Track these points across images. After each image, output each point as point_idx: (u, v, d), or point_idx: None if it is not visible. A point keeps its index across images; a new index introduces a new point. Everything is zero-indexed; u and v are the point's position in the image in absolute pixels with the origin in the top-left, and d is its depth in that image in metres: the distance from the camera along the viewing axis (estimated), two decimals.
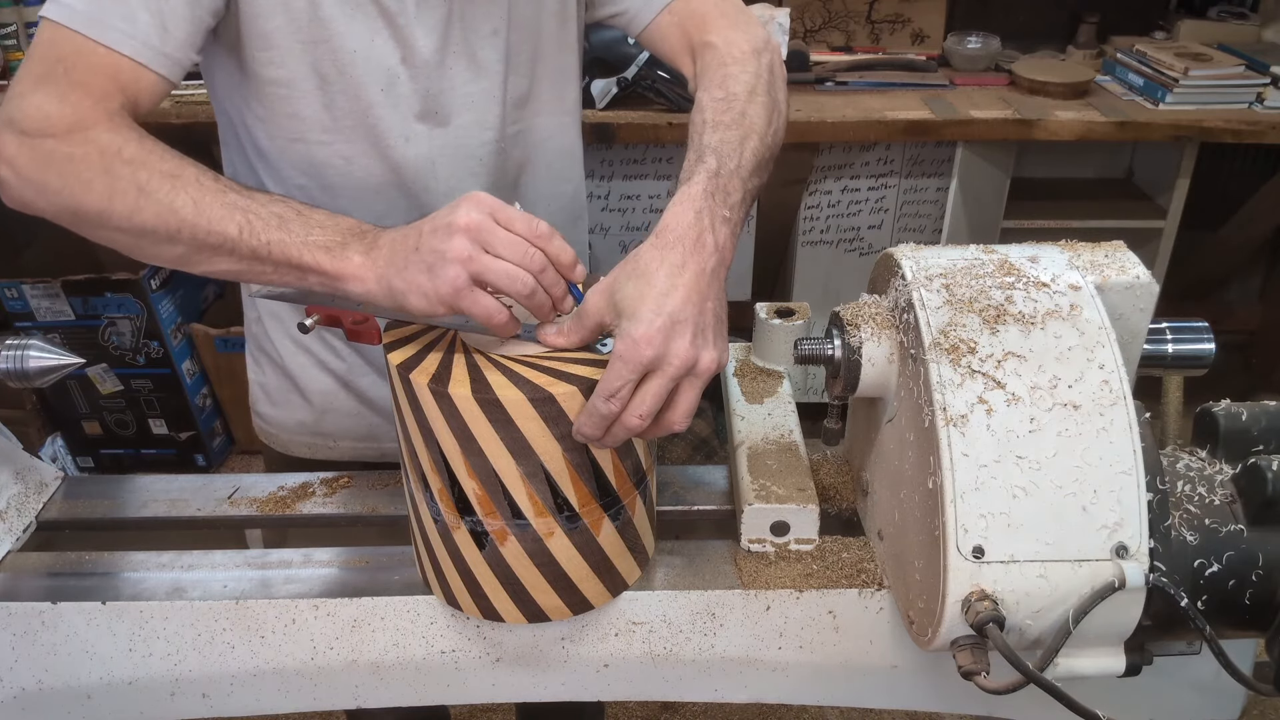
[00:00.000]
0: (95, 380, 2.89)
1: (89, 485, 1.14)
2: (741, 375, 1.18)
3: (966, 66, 2.87)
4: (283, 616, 0.96)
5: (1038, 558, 0.77)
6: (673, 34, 1.14)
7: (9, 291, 2.73)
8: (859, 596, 0.95)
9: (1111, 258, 0.92)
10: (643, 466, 0.91)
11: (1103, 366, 0.79)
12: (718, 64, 1.07)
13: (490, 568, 0.88)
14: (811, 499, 0.96)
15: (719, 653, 0.97)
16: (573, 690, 1.00)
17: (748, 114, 1.00)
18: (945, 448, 0.77)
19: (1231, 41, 2.85)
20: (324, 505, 1.09)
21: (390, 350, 0.86)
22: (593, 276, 0.97)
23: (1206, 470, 0.85)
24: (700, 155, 0.93)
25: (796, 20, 3.01)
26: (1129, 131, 2.58)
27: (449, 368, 0.83)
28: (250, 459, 3.15)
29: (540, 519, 0.85)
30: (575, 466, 0.84)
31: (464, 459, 0.83)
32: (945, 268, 0.87)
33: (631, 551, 0.93)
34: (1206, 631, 0.78)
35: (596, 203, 2.77)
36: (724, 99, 1.01)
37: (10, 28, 2.73)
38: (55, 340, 1.04)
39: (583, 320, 0.84)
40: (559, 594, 0.90)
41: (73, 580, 0.99)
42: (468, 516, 0.86)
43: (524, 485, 0.84)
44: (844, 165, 2.74)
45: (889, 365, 0.89)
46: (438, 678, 0.99)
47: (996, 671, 0.78)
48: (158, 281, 2.78)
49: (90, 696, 0.99)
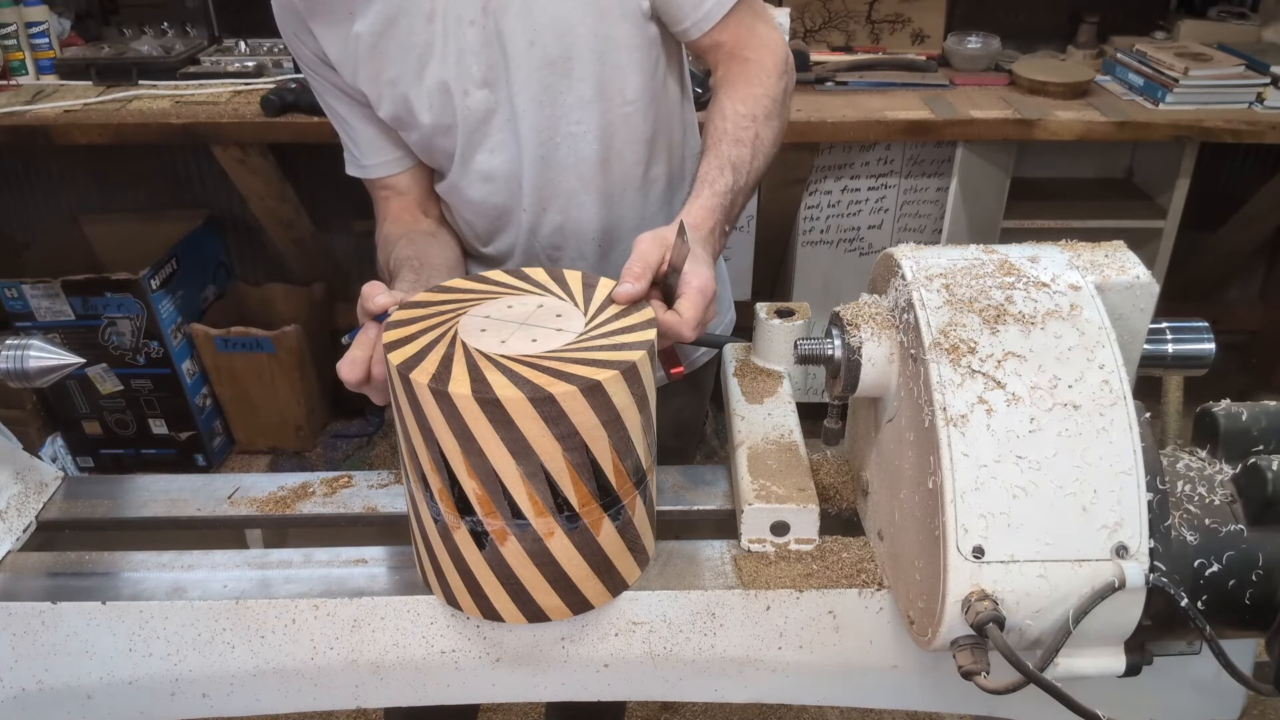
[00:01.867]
0: (95, 380, 2.89)
1: (89, 485, 1.14)
2: (741, 375, 1.18)
3: (966, 66, 2.87)
4: (283, 616, 0.96)
5: (1038, 558, 0.77)
6: (713, 52, 1.29)
7: (9, 291, 2.73)
8: (859, 596, 0.95)
9: (1111, 258, 0.92)
10: (643, 466, 0.91)
11: (1103, 366, 0.79)
12: (745, 80, 1.25)
13: (490, 568, 0.88)
14: (811, 499, 0.96)
15: (719, 653, 0.97)
16: (573, 690, 1.00)
17: (761, 136, 1.22)
18: (945, 448, 0.77)
19: (1231, 41, 2.86)
20: (324, 505, 1.09)
21: (391, 350, 0.86)
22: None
23: (1206, 470, 0.85)
24: (722, 167, 1.17)
25: (796, 20, 3.01)
26: (1129, 131, 2.58)
27: (449, 367, 0.83)
28: (250, 459, 3.15)
29: (540, 519, 0.85)
30: (575, 466, 0.84)
31: (464, 459, 0.83)
32: (945, 268, 0.87)
33: (632, 551, 0.93)
34: (1206, 631, 0.78)
35: None
36: (746, 116, 1.21)
37: (10, 27, 2.73)
38: (55, 340, 1.04)
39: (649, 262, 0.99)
40: (559, 594, 0.90)
41: (73, 580, 0.99)
42: (468, 516, 0.86)
43: (524, 485, 0.84)
44: (844, 165, 2.74)
45: (889, 365, 0.89)
46: (438, 678, 0.99)
47: (996, 671, 0.78)
48: (158, 281, 2.79)
49: (90, 696, 0.99)
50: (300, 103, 2.52)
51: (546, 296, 0.95)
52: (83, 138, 2.54)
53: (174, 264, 2.88)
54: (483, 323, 0.90)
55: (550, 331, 0.89)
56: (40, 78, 2.81)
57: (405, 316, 0.92)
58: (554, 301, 0.94)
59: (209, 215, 3.12)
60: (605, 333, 0.88)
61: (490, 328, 0.89)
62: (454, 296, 0.95)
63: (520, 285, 0.97)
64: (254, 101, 2.59)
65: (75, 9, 2.98)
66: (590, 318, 0.91)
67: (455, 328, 0.89)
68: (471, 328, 0.89)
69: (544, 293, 0.96)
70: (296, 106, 2.53)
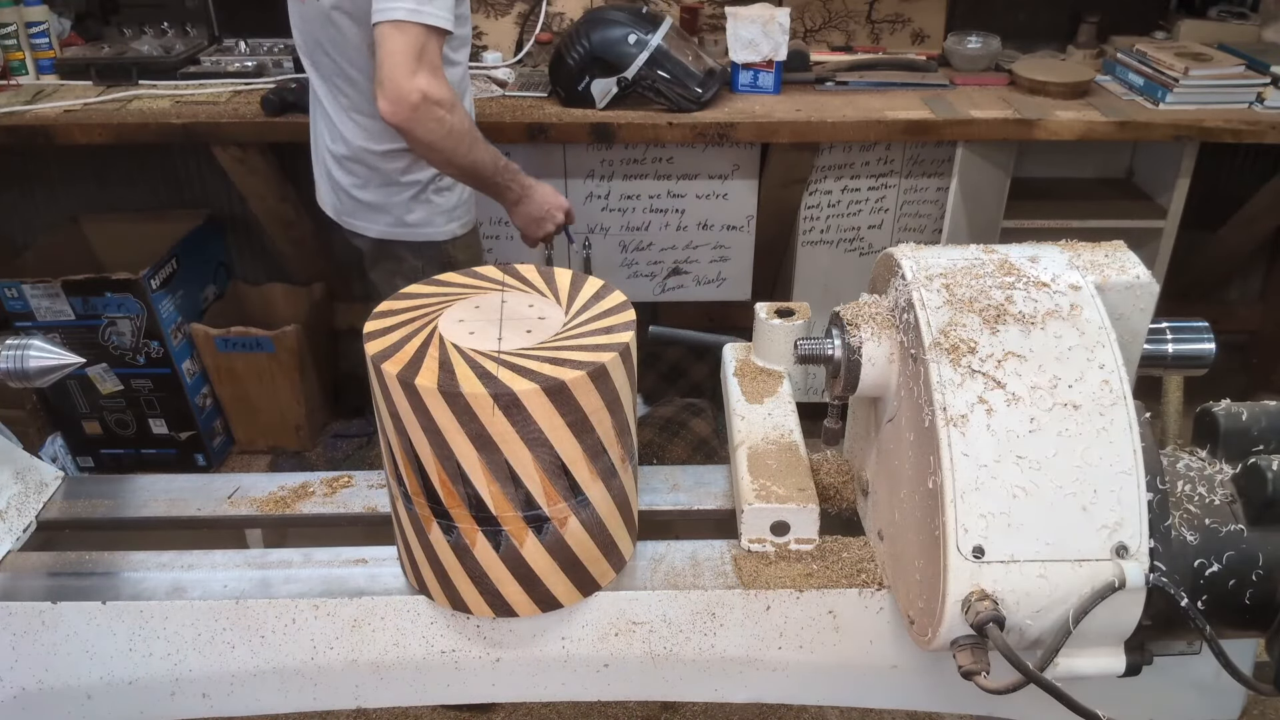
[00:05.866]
0: (95, 380, 2.89)
1: (89, 485, 1.14)
2: (741, 375, 1.18)
3: (967, 66, 2.87)
4: (283, 616, 0.96)
5: (1038, 557, 0.77)
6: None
7: (9, 291, 2.73)
8: (859, 596, 0.95)
9: (1111, 258, 0.92)
10: (615, 468, 0.90)
11: (1103, 366, 0.79)
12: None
13: (458, 560, 0.89)
14: (811, 499, 0.96)
15: (719, 653, 0.97)
16: (573, 690, 1.00)
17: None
18: (945, 448, 0.77)
19: (1231, 41, 2.85)
20: (324, 505, 1.09)
21: (369, 341, 0.86)
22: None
23: (1206, 470, 0.85)
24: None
25: (796, 20, 3.01)
26: (1129, 131, 2.58)
27: (420, 360, 0.83)
28: (250, 459, 3.15)
29: (507, 515, 0.86)
30: (541, 463, 0.84)
31: (431, 450, 0.83)
32: (945, 268, 0.87)
33: (603, 551, 0.93)
34: (1206, 631, 0.78)
35: (596, 202, 2.77)
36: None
37: (10, 27, 2.73)
38: (55, 340, 1.04)
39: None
40: (525, 590, 0.90)
41: (73, 580, 0.99)
42: (435, 507, 0.86)
43: (488, 480, 0.84)
44: (844, 165, 2.74)
45: (889, 365, 0.89)
46: (438, 678, 0.99)
47: (996, 671, 0.78)
48: (158, 281, 2.78)
49: (90, 696, 0.99)
50: (300, 102, 2.51)
51: (532, 294, 0.95)
52: (83, 138, 2.54)
53: (174, 264, 2.88)
54: (466, 317, 0.91)
55: (529, 328, 0.89)
56: (40, 78, 2.81)
57: (391, 308, 0.92)
58: (539, 299, 0.94)
59: (209, 215, 3.12)
60: (583, 333, 0.88)
61: (472, 322, 0.90)
62: (443, 291, 0.96)
63: (509, 282, 0.98)
64: (254, 101, 2.59)
65: (75, 9, 2.98)
66: (570, 317, 0.91)
67: (437, 322, 0.90)
68: (453, 322, 0.90)
69: (530, 290, 0.96)
70: (296, 106, 2.53)
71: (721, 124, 2.51)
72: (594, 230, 2.82)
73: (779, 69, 2.68)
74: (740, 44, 2.64)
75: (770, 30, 2.62)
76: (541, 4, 3.01)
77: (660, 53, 2.48)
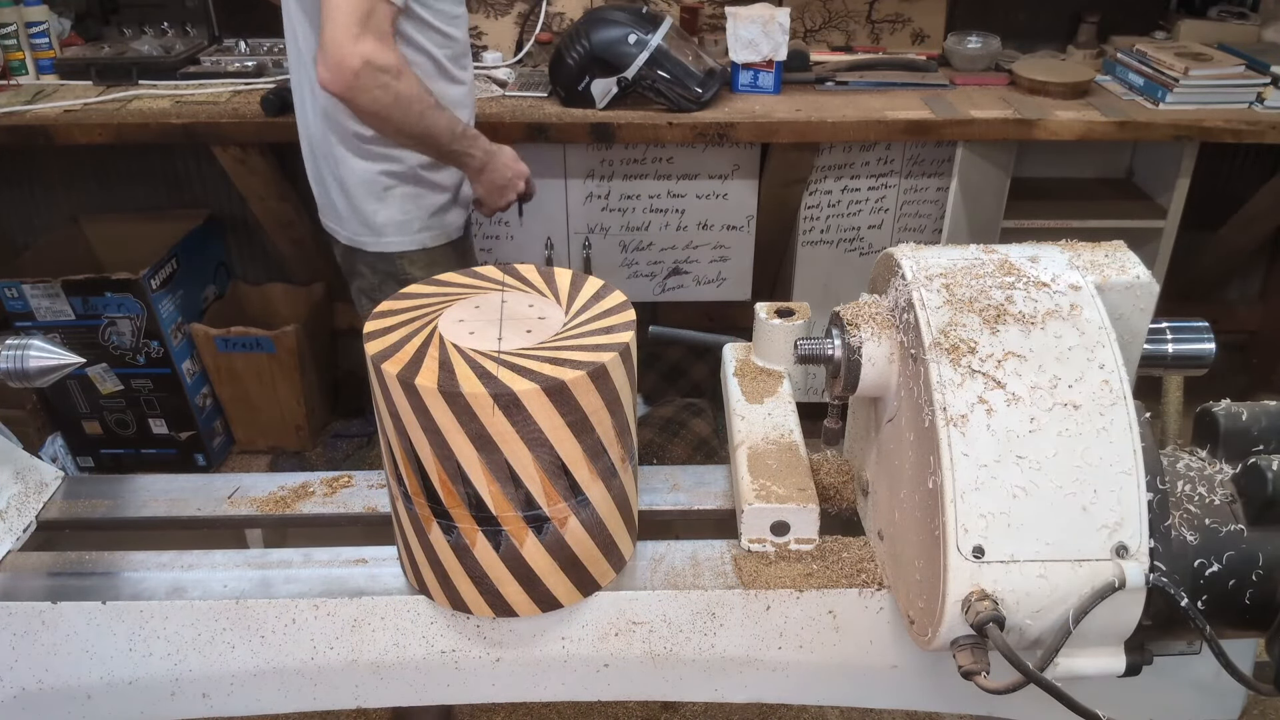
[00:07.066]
0: (95, 380, 2.89)
1: (89, 485, 1.14)
2: (741, 375, 1.18)
3: (966, 66, 2.87)
4: (283, 616, 0.96)
5: (1038, 557, 0.77)
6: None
7: (9, 291, 2.73)
8: (859, 596, 0.95)
9: (1111, 258, 0.92)
10: (615, 468, 0.90)
11: (1103, 366, 0.79)
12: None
13: (458, 560, 0.89)
14: (811, 499, 0.97)
15: (719, 653, 0.97)
16: (573, 690, 1.00)
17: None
18: (945, 447, 0.77)
19: (1231, 41, 2.85)
20: (324, 505, 1.09)
21: (369, 341, 0.86)
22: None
23: (1206, 470, 0.85)
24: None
25: (796, 20, 3.01)
26: (1129, 131, 2.58)
27: (420, 360, 0.83)
28: (250, 459, 3.15)
29: (507, 515, 0.86)
30: (541, 463, 0.84)
31: (431, 450, 0.83)
32: (945, 267, 0.87)
33: (603, 550, 0.93)
34: (1206, 631, 0.78)
35: (596, 202, 2.77)
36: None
37: (10, 27, 2.73)
38: (55, 340, 1.04)
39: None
40: (525, 590, 0.90)
41: (73, 580, 0.99)
42: (435, 507, 0.86)
43: (488, 480, 0.84)
44: (844, 165, 2.74)
45: (889, 365, 0.89)
46: (438, 678, 0.99)
47: (996, 671, 0.78)
48: (158, 281, 2.79)
49: (90, 696, 0.99)
50: None
51: (532, 294, 0.95)
52: (83, 138, 2.54)
53: (174, 264, 2.88)
54: (466, 317, 0.91)
55: (529, 328, 0.89)
56: (40, 78, 2.81)
57: (391, 308, 0.92)
58: (539, 299, 0.94)
59: (209, 215, 3.12)
60: (583, 333, 0.88)
61: (472, 322, 0.90)
62: (443, 291, 0.96)
63: (509, 282, 0.98)
64: (254, 101, 2.59)
65: (75, 9, 2.98)
66: (570, 317, 0.91)
67: (437, 322, 0.90)
68: (453, 322, 0.90)
69: (530, 290, 0.96)
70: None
71: (721, 124, 2.51)
72: (594, 230, 2.82)
73: (779, 69, 2.68)
74: (740, 44, 2.64)
75: (770, 30, 2.62)
76: (541, 4, 3.01)
77: (660, 53, 2.48)
